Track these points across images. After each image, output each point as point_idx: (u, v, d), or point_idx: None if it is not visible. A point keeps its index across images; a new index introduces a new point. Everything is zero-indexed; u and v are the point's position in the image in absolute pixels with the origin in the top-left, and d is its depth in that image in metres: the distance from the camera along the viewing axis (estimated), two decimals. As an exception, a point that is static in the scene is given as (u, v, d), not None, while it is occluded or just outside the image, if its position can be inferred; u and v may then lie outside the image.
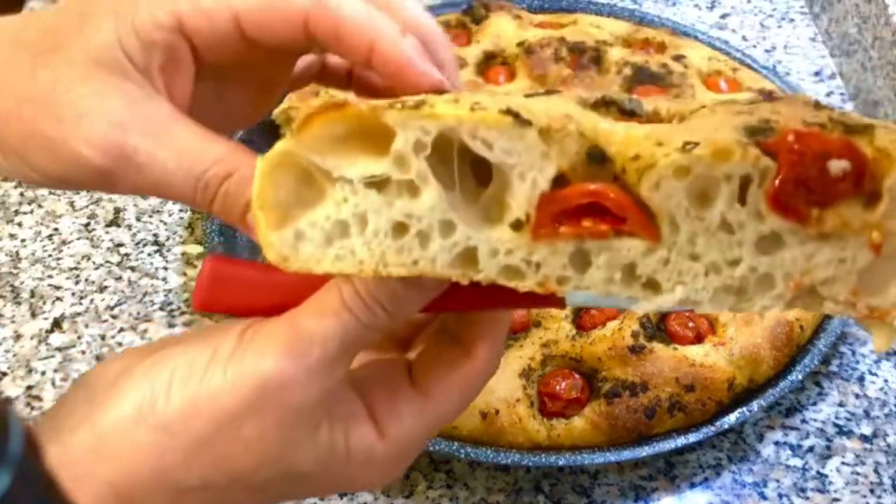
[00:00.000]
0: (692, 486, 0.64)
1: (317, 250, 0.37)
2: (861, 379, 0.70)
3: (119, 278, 0.76)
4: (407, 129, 0.35)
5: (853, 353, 0.71)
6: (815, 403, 0.68)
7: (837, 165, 0.33)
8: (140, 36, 0.42)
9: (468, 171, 0.37)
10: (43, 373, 0.70)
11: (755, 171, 0.34)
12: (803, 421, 0.67)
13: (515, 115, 0.35)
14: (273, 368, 0.38)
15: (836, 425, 0.67)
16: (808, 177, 0.33)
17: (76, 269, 0.77)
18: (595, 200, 0.35)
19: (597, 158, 0.35)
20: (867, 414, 0.67)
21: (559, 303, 0.41)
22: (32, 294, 0.75)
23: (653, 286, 0.36)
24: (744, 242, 0.35)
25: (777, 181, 0.34)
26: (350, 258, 0.37)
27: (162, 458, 0.38)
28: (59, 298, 0.74)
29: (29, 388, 0.69)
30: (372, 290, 0.39)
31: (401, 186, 0.36)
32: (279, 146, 0.36)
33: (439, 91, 0.41)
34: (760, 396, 0.64)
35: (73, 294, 0.75)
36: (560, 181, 0.35)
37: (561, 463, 0.61)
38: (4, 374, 0.70)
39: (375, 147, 0.36)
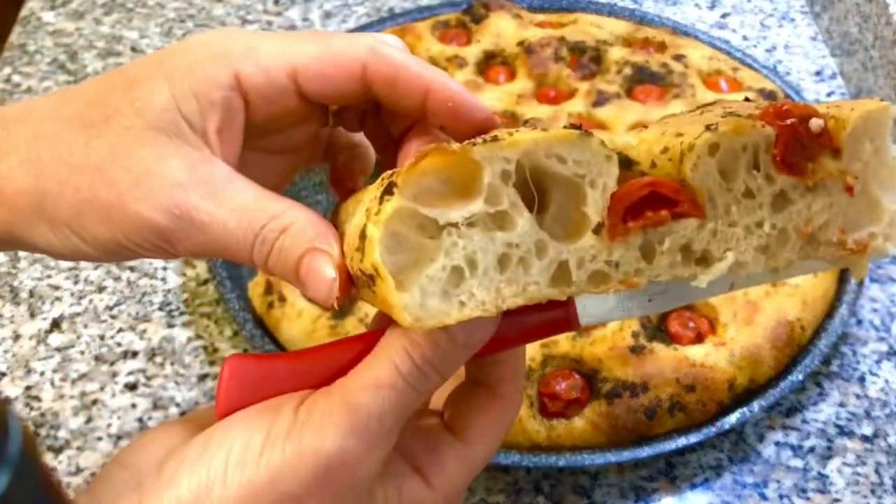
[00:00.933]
0: (693, 486, 0.63)
1: (441, 303, 0.37)
2: (862, 379, 0.69)
3: (118, 278, 0.76)
4: (493, 162, 0.37)
5: (854, 353, 0.71)
6: (815, 404, 0.68)
7: (817, 123, 0.40)
8: (199, 97, 0.42)
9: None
10: (42, 373, 0.70)
11: (762, 140, 0.40)
12: (804, 421, 0.67)
13: (579, 128, 0.38)
14: (335, 447, 0.38)
15: (836, 426, 0.67)
16: (799, 136, 0.40)
17: (75, 269, 0.76)
18: (651, 191, 0.39)
19: (625, 164, 0.39)
20: (868, 414, 0.67)
21: (574, 325, 0.44)
22: (31, 294, 0.75)
23: (705, 260, 0.40)
24: (763, 204, 0.40)
25: (779, 144, 0.40)
26: (472, 301, 0.37)
27: None
28: (58, 298, 0.74)
29: (28, 388, 0.69)
30: (427, 354, 0.39)
31: (493, 220, 0.38)
32: (389, 206, 0.36)
33: (490, 129, 0.44)
34: (761, 397, 0.64)
35: (71, 294, 0.75)
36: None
37: (561, 463, 0.61)
38: (3, 374, 0.70)
39: (459, 191, 0.37)
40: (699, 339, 0.66)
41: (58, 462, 0.65)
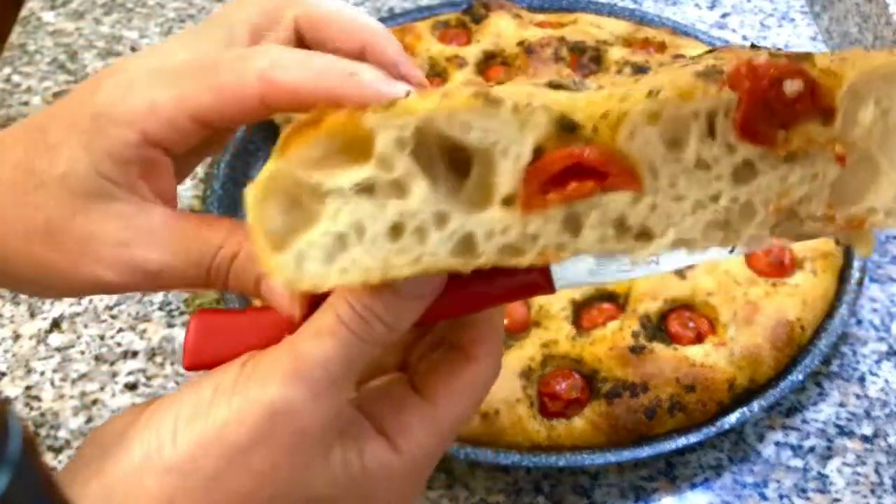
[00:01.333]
0: (693, 486, 0.64)
1: (321, 267, 0.36)
2: (862, 379, 0.69)
3: (118, 278, 0.76)
4: (386, 129, 0.35)
5: (854, 353, 0.71)
6: (815, 404, 0.68)
7: (792, 85, 0.35)
8: (114, 158, 0.43)
9: (447, 166, 0.37)
10: (42, 373, 0.70)
11: (720, 104, 0.36)
12: (804, 421, 0.67)
13: (485, 96, 0.35)
14: (279, 395, 0.38)
15: (836, 426, 0.67)
16: (768, 100, 0.35)
17: (75, 268, 0.76)
18: (576, 162, 0.36)
19: (567, 127, 0.36)
20: (868, 414, 0.67)
21: (549, 287, 0.42)
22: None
23: (645, 235, 0.37)
24: (721, 176, 0.36)
25: (741, 109, 0.36)
26: (355, 268, 0.36)
27: (173, 501, 0.38)
28: (57, 298, 0.74)
29: (28, 388, 0.69)
30: (367, 303, 0.39)
31: (389, 187, 0.36)
32: (265, 170, 0.36)
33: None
34: (761, 397, 0.64)
35: (72, 294, 0.75)
36: (538, 154, 0.36)
37: (561, 463, 0.61)
38: (3, 374, 0.70)
39: (358, 155, 0.36)
40: (699, 339, 0.66)
41: (58, 462, 0.65)
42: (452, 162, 0.37)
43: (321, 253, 0.36)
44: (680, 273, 0.68)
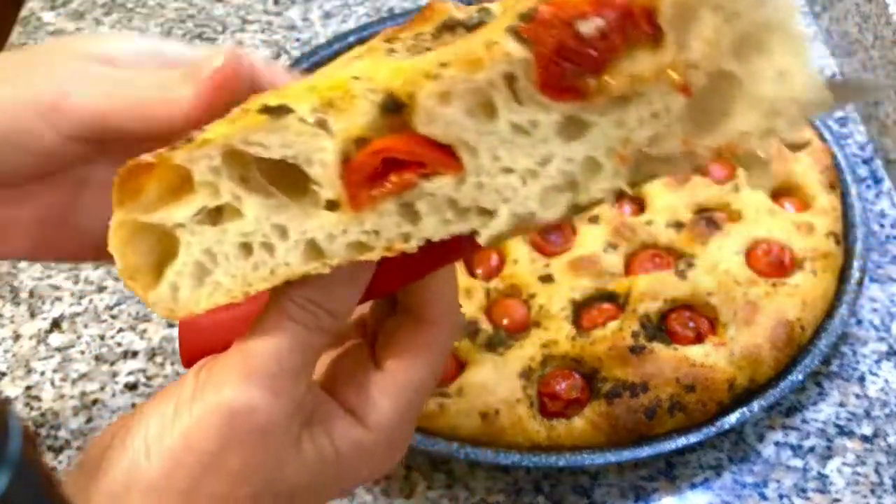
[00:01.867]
0: (693, 486, 0.64)
1: (192, 293, 0.38)
2: (861, 379, 0.69)
3: (118, 278, 0.76)
4: (195, 161, 0.36)
5: (854, 353, 0.71)
6: (815, 404, 0.68)
7: (587, 25, 0.31)
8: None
9: (279, 175, 0.37)
10: (42, 373, 0.70)
11: (515, 67, 0.32)
12: (804, 421, 0.67)
13: (270, 111, 0.35)
14: (235, 396, 0.38)
15: (836, 426, 0.67)
16: (563, 50, 0.31)
17: (75, 268, 0.76)
18: (388, 155, 0.34)
19: (391, 108, 0.34)
20: (868, 414, 0.67)
21: (474, 244, 0.38)
22: (31, 294, 0.75)
23: (487, 212, 0.35)
24: (546, 138, 0.33)
25: (537, 68, 0.32)
26: (220, 290, 0.38)
27: None
28: (58, 298, 0.74)
29: (28, 388, 0.69)
30: (307, 294, 0.39)
31: (229, 210, 0.37)
32: (113, 221, 0.38)
33: None
34: (761, 397, 0.64)
35: (72, 294, 0.75)
36: (362, 145, 0.35)
37: (561, 463, 0.61)
38: (3, 374, 0.70)
39: (184, 188, 0.37)
40: (699, 339, 0.66)
41: (58, 462, 0.65)
42: (284, 171, 0.36)
43: (189, 280, 0.38)
44: (680, 273, 0.68)
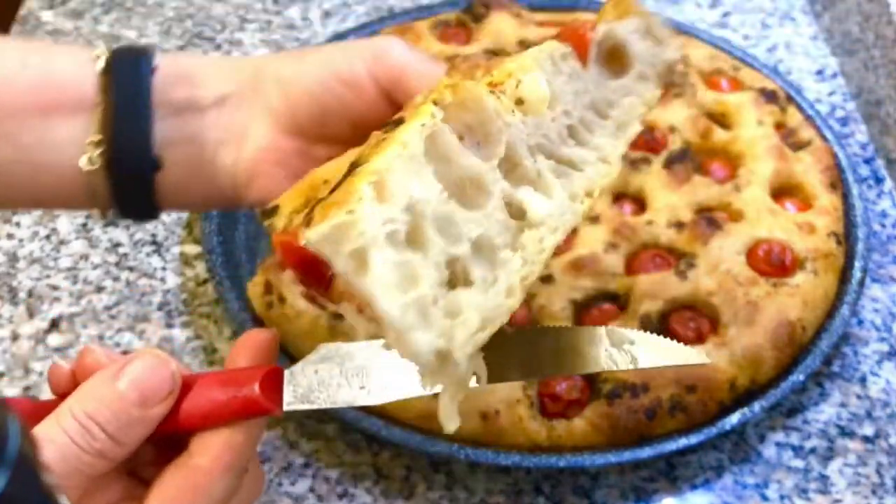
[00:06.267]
0: (693, 487, 0.63)
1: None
2: (863, 380, 0.69)
3: (117, 278, 0.76)
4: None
5: (855, 353, 0.71)
6: (816, 404, 0.68)
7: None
8: None
9: None
10: (40, 373, 0.69)
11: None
12: (805, 422, 0.67)
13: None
14: None
15: (837, 426, 0.67)
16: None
17: (74, 269, 0.76)
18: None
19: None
20: (869, 415, 0.67)
21: (273, 408, 0.42)
22: (30, 294, 0.74)
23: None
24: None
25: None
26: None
27: None
28: (56, 299, 0.74)
29: (26, 388, 0.68)
30: (90, 410, 0.37)
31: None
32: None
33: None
34: (762, 397, 0.63)
35: (70, 294, 0.74)
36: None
37: (561, 464, 0.61)
38: (2, 374, 0.69)
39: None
40: (700, 339, 0.66)
41: (56, 462, 0.64)
42: None
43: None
44: (681, 273, 0.68)
